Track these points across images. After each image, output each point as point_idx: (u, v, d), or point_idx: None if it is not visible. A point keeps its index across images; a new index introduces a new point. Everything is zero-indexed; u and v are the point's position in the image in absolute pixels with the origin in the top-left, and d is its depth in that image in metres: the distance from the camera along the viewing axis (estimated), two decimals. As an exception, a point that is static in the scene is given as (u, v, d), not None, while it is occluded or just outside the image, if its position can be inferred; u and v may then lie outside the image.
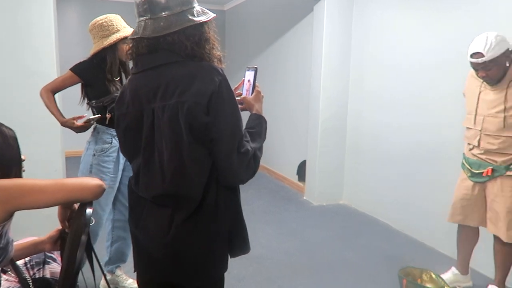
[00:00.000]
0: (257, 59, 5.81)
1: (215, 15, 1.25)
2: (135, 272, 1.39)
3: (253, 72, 1.36)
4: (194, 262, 1.23)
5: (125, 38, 2.15)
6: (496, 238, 2.37)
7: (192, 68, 1.18)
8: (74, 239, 1.21)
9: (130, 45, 1.25)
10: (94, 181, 1.21)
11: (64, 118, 2.25)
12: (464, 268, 2.62)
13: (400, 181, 3.55)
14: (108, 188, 1.60)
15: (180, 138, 1.15)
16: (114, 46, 2.20)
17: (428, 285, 2.49)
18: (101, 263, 1.35)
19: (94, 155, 2.26)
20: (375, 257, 3.07)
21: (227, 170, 1.18)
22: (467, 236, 2.55)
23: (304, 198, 4.48)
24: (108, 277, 2.48)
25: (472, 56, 2.20)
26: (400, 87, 3.52)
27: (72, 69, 2.23)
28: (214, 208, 1.21)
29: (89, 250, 1.29)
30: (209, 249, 1.23)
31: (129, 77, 1.31)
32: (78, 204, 1.28)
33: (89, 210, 1.20)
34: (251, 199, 4.40)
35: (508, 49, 2.16)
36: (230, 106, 1.16)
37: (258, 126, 1.30)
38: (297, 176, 4.85)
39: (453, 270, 2.64)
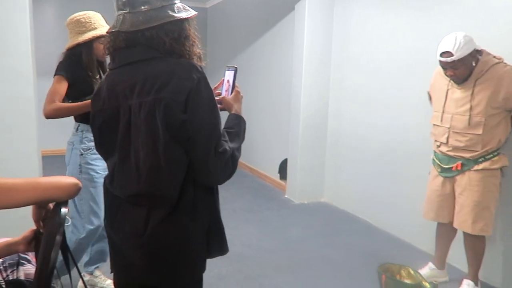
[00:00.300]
0: (239, 57, 5.80)
1: (196, 12, 1.24)
2: (112, 273, 1.36)
3: (232, 72, 1.35)
4: (171, 263, 1.21)
5: (102, 37, 2.10)
6: (465, 233, 2.43)
7: (171, 64, 1.15)
8: (48, 239, 1.18)
9: (108, 39, 1.22)
10: (69, 179, 1.19)
11: None
12: (441, 263, 2.68)
13: (380, 179, 3.60)
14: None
15: (156, 136, 1.12)
16: (90, 44, 2.15)
17: (406, 280, 2.54)
18: (79, 264, 1.33)
19: (82, 154, 2.21)
20: (355, 253, 3.11)
21: (204, 170, 1.15)
22: (445, 232, 2.61)
23: (286, 196, 4.50)
24: (87, 278, 2.44)
25: (441, 55, 2.25)
26: (380, 86, 3.57)
27: (57, 74, 2.13)
28: (192, 208, 1.19)
29: (65, 250, 1.26)
30: (186, 249, 1.21)
31: (106, 73, 1.28)
32: (53, 203, 1.25)
33: (64, 210, 1.17)
34: (233, 198, 4.39)
35: (474, 49, 2.23)
36: (209, 105, 1.14)
37: (237, 126, 1.28)
38: (278, 175, 4.86)
39: (430, 265, 2.70)
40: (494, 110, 2.25)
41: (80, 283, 2.42)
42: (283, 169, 4.73)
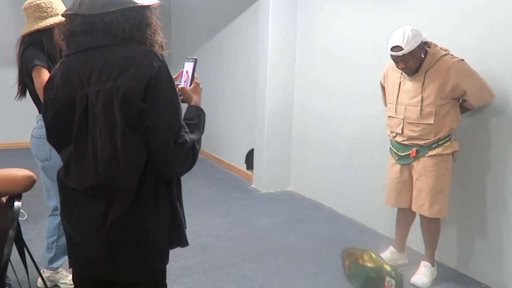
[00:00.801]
0: (204, 47, 5.73)
1: (159, 1, 1.20)
2: (71, 268, 1.32)
3: (192, 63, 1.32)
4: (131, 257, 1.18)
5: None
6: (421, 216, 2.54)
7: (130, 51, 1.12)
8: (1, 234, 1.14)
9: (64, 22, 1.17)
10: (22, 172, 1.15)
11: None
12: (401, 247, 2.79)
13: (344, 168, 3.69)
14: None
15: (114, 125, 1.09)
16: (50, 30, 2.06)
17: (368, 264, 2.63)
18: (41, 261, 1.29)
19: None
20: (320, 240, 3.18)
21: (163, 161, 1.13)
22: (404, 217, 2.72)
23: (252, 186, 4.53)
24: (47, 274, 2.37)
25: (392, 49, 2.33)
26: (344, 77, 3.63)
27: (36, 65, 2.00)
28: (153, 200, 1.16)
29: (21, 246, 1.22)
30: (147, 243, 1.18)
31: (61, 60, 1.23)
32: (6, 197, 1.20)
33: (17, 203, 1.13)
34: (199, 189, 4.37)
35: (422, 41, 2.32)
36: (169, 94, 1.11)
37: (197, 118, 1.26)
38: (245, 165, 4.88)
39: (391, 249, 2.81)
40: (443, 100, 2.35)
41: (40, 279, 2.35)
42: (249, 159, 4.75)
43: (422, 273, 2.56)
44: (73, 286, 1.36)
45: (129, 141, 1.10)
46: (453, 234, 2.75)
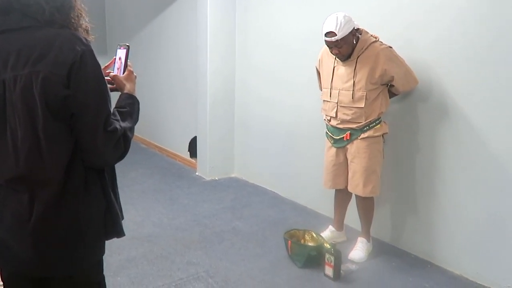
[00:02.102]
0: (142, 33, 5.54)
1: None
2: None
3: (125, 50, 1.27)
4: (61, 251, 1.12)
5: None
6: (357, 196, 2.69)
7: (50, 35, 1.05)
8: None
9: None
10: None
11: None
12: (339, 225, 2.94)
13: (286, 153, 3.78)
14: None
15: (35, 113, 1.02)
16: None
17: (310, 243, 2.74)
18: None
19: None
20: (263, 223, 3.25)
21: (90, 150, 1.08)
22: (341, 197, 2.85)
23: (197, 174, 4.50)
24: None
25: (326, 35, 2.42)
26: (282, 63, 3.69)
27: None
28: (84, 191, 1.12)
29: None
30: (78, 235, 1.13)
31: None
32: None
33: None
34: (142, 178, 4.27)
35: (354, 28, 2.43)
36: (95, 79, 1.06)
37: (130, 106, 1.21)
38: (188, 153, 4.83)
39: (331, 228, 2.95)
40: (373, 85, 2.48)
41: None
42: (192, 146, 4.70)
43: (359, 249, 2.71)
44: (2, 285, 1.28)
45: (52, 130, 1.04)
46: (386, 211, 2.94)
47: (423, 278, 2.50)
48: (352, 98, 2.50)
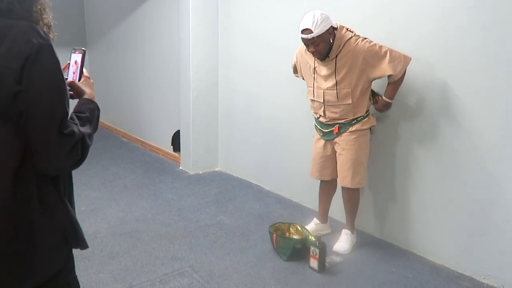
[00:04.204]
0: (122, 27, 5.42)
1: None
2: None
3: (80, 55, 1.18)
4: (10, 267, 1.00)
5: None
6: (343, 188, 2.71)
7: (3, 25, 0.95)
8: None
9: None
10: None
11: None
12: (324, 218, 2.95)
13: (270, 146, 3.77)
14: None
15: None
16: None
17: (294, 236, 2.74)
18: None
19: None
20: (248, 217, 3.25)
21: (42, 154, 0.97)
22: (326, 188, 2.87)
23: (180, 168, 4.46)
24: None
25: (302, 32, 2.39)
26: (264, 57, 3.66)
27: None
28: (38, 200, 1.01)
29: None
30: (33, 248, 1.02)
31: None
32: None
33: None
34: (124, 173, 4.20)
35: (331, 26, 2.41)
36: (51, 76, 0.97)
37: (90, 111, 1.12)
38: (172, 147, 4.77)
39: (315, 220, 2.96)
40: (357, 81, 2.47)
41: None
42: (176, 141, 4.65)
43: (343, 241, 2.74)
44: None
45: (4, 139, 0.93)
46: (369, 203, 2.97)
47: (406, 268, 2.54)
48: (337, 97, 2.51)
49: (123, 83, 5.68)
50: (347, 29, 2.48)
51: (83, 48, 1.21)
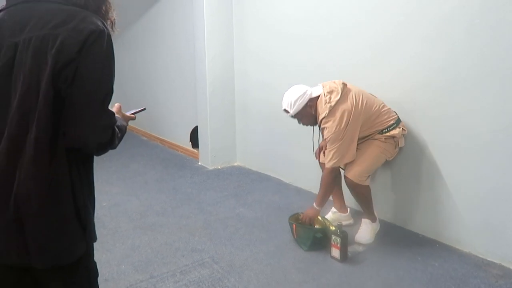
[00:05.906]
0: (137, 23, 5.48)
1: None
2: None
3: (139, 109, 1.47)
4: (46, 239, 1.02)
5: None
6: (346, 182, 2.61)
7: (76, 10, 1.05)
8: None
9: None
10: None
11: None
12: (340, 206, 2.89)
13: (287, 138, 3.73)
14: None
15: (41, 76, 0.97)
16: None
17: (315, 226, 2.69)
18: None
19: None
20: (267, 209, 3.22)
21: (79, 120, 1.00)
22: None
23: (199, 163, 4.47)
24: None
25: (284, 111, 2.58)
26: (282, 48, 3.63)
27: None
28: (69, 177, 1.03)
29: None
30: (66, 222, 1.05)
31: None
32: None
33: None
34: (143, 170, 4.24)
35: (309, 100, 2.50)
36: (106, 56, 1.03)
37: (122, 129, 1.17)
38: (190, 143, 4.79)
39: (333, 209, 2.91)
40: (357, 127, 2.48)
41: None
42: (194, 137, 4.67)
43: (363, 230, 2.67)
44: None
45: (49, 96, 0.97)
46: (392, 192, 2.89)
47: (431, 256, 2.46)
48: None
49: (139, 82, 5.74)
50: (327, 92, 2.48)
51: (144, 108, 1.53)
